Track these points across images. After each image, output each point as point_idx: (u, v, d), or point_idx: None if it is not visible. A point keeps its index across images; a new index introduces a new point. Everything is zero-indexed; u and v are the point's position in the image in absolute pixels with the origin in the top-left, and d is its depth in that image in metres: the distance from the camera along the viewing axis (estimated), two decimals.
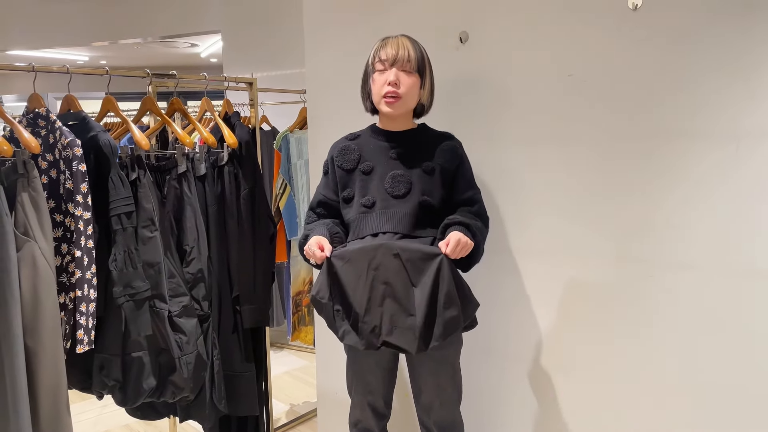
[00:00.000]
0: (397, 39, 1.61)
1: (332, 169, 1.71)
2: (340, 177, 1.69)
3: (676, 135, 1.54)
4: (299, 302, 3.32)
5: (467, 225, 1.57)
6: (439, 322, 1.50)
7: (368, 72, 1.65)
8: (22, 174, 1.60)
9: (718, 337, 1.52)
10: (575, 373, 1.78)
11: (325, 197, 1.72)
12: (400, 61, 1.58)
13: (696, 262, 1.54)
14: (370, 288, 1.52)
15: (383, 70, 1.60)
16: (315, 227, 1.66)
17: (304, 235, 1.68)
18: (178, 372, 1.90)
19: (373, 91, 1.63)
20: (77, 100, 1.94)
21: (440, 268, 1.49)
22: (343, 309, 1.56)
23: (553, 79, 1.72)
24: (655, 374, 1.63)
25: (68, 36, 5.19)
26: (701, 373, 1.56)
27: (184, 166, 2.02)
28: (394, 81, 1.57)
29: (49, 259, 1.63)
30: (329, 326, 1.59)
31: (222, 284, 2.14)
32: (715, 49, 1.46)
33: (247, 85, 2.50)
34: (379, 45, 1.62)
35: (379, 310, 1.52)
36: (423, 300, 1.49)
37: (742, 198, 1.46)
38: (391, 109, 1.60)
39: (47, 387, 1.64)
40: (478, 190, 1.71)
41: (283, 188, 3.19)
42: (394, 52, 1.58)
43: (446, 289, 1.49)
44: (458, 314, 1.50)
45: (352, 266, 1.54)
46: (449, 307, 1.49)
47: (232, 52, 4.25)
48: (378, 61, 1.61)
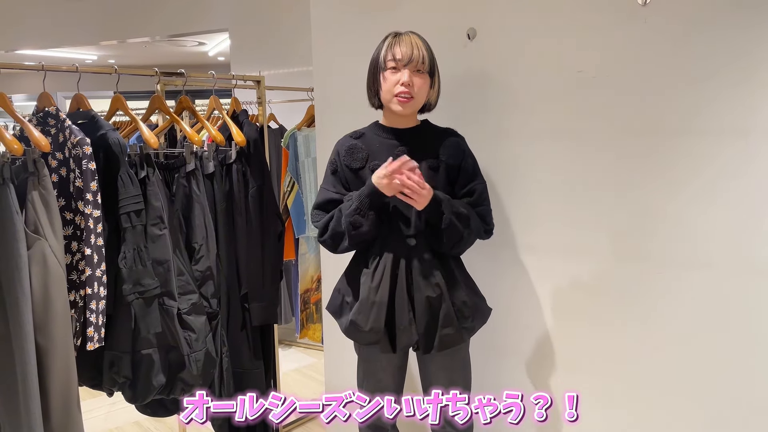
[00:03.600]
0: (409, 37, 1.60)
1: (341, 168, 1.70)
2: (348, 176, 1.68)
3: (686, 131, 1.53)
4: (307, 300, 3.33)
5: (447, 200, 1.57)
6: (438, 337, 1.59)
7: (378, 67, 1.62)
8: (32, 172, 1.61)
9: (726, 335, 1.51)
10: (583, 370, 1.78)
11: (334, 195, 1.69)
12: (414, 62, 1.57)
13: (706, 259, 1.53)
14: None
15: (396, 69, 1.59)
16: (336, 212, 1.63)
17: (325, 224, 1.64)
18: (187, 369, 1.90)
19: (384, 89, 1.61)
20: (86, 99, 1.95)
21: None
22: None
23: (562, 76, 1.72)
24: (662, 372, 1.62)
25: (77, 35, 5.22)
26: (708, 371, 1.55)
27: (193, 164, 2.03)
28: (408, 82, 1.57)
29: (59, 257, 1.64)
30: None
31: (231, 282, 2.14)
32: (724, 45, 1.45)
33: (255, 83, 2.50)
34: (391, 41, 1.60)
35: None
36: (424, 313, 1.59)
37: (751, 195, 1.45)
38: (402, 108, 1.60)
39: (58, 384, 1.65)
40: (481, 181, 1.69)
41: (291, 186, 3.20)
42: (408, 52, 1.57)
43: (446, 310, 1.58)
44: (456, 332, 1.60)
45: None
46: (447, 326, 1.59)
47: (240, 50, 4.26)
48: (391, 59, 1.59)
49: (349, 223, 1.57)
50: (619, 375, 1.70)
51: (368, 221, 1.56)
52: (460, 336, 1.62)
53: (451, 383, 1.69)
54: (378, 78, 1.63)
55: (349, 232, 1.58)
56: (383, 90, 1.62)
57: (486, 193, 1.69)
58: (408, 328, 1.58)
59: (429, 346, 1.60)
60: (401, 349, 1.61)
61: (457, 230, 1.56)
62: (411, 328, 1.58)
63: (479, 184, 1.68)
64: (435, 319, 1.59)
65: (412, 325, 1.58)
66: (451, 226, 1.55)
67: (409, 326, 1.58)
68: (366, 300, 1.60)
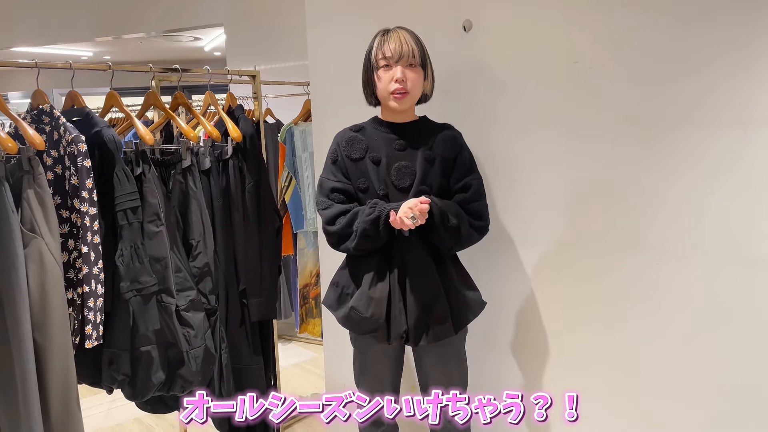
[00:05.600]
0: (397, 33, 1.60)
1: (341, 158, 1.68)
2: (348, 166, 1.67)
3: (682, 122, 1.52)
4: (306, 295, 3.33)
5: (438, 214, 1.57)
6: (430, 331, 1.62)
7: (371, 67, 1.63)
8: (27, 171, 1.61)
9: (726, 327, 1.51)
10: (580, 362, 1.78)
11: (337, 184, 1.66)
12: (405, 57, 1.58)
13: (704, 249, 1.53)
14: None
15: (388, 67, 1.59)
16: (353, 210, 1.62)
17: (334, 216, 1.62)
18: (186, 366, 1.90)
19: (380, 88, 1.62)
20: (81, 96, 1.94)
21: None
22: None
23: (559, 67, 1.71)
24: (662, 363, 1.62)
25: (71, 32, 5.19)
26: (711, 364, 1.55)
27: (189, 160, 2.02)
28: (401, 78, 1.58)
29: (56, 255, 1.64)
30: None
31: (229, 278, 2.14)
32: (722, 35, 1.44)
33: (251, 78, 2.49)
34: (380, 40, 1.61)
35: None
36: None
37: (750, 184, 1.44)
38: (399, 104, 1.61)
39: (57, 382, 1.65)
40: (477, 176, 1.69)
41: (288, 181, 3.19)
42: (398, 48, 1.57)
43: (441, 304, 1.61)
44: (448, 325, 1.62)
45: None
46: (439, 319, 1.61)
47: (235, 45, 4.24)
48: (382, 58, 1.59)
49: (363, 229, 1.57)
50: (622, 366, 1.70)
51: (381, 238, 1.58)
52: (451, 329, 1.63)
53: (447, 378, 1.70)
54: (372, 78, 1.63)
55: (362, 235, 1.57)
56: (379, 89, 1.62)
57: (482, 188, 1.68)
58: (398, 317, 1.59)
59: (418, 338, 1.61)
60: (393, 338, 1.61)
61: (447, 243, 1.60)
62: (401, 318, 1.59)
63: (475, 180, 1.67)
64: (427, 312, 1.60)
65: (402, 314, 1.59)
66: (442, 240, 1.59)
67: (399, 315, 1.59)
68: (366, 290, 1.61)
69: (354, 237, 1.59)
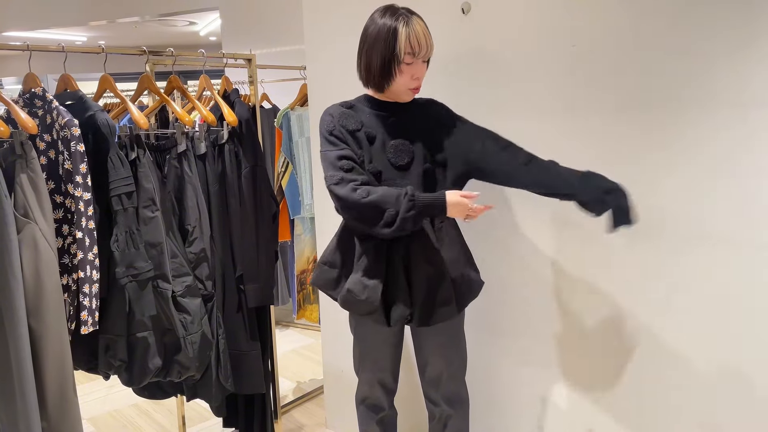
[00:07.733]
0: (420, 25, 1.55)
1: (338, 128, 1.62)
2: (346, 137, 1.61)
3: (683, 104, 1.51)
4: (303, 281, 3.32)
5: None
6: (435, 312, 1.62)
7: (394, 58, 1.54)
8: (20, 155, 1.59)
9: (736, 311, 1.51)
10: (584, 349, 1.77)
11: (343, 151, 1.59)
12: (427, 55, 1.58)
13: (708, 235, 1.52)
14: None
15: (412, 63, 1.56)
16: (381, 189, 1.53)
17: (363, 195, 1.51)
18: (183, 351, 1.90)
19: (400, 82, 1.58)
20: (74, 79, 1.91)
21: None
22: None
23: (557, 50, 1.69)
24: (667, 349, 1.62)
25: (65, 16, 5.13)
26: (721, 350, 1.55)
27: (184, 145, 2.00)
28: (422, 75, 1.59)
29: (50, 240, 1.62)
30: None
31: (225, 263, 2.13)
32: (723, 18, 1.42)
33: (246, 62, 2.46)
34: (406, 32, 1.52)
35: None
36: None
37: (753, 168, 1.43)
38: (411, 97, 1.65)
39: (53, 368, 1.64)
40: (486, 129, 1.68)
41: (285, 166, 3.17)
42: (424, 43, 1.54)
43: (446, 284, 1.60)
44: (452, 306, 1.61)
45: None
46: (444, 300, 1.61)
47: (231, 29, 4.19)
48: (410, 53, 1.54)
49: (405, 214, 1.50)
50: (626, 352, 1.70)
51: (417, 223, 1.53)
52: (455, 309, 1.63)
53: (446, 362, 1.70)
54: (392, 70, 1.56)
55: (400, 228, 1.50)
56: (398, 82, 1.58)
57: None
58: (401, 299, 1.58)
59: (424, 320, 1.60)
60: (395, 322, 1.60)
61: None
62: (406, 300, 1.58)
63: (489, 130, 1.66)
64: (432, 293, 1.59)
65: (406, 296, 1.59)
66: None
67: (403, 297, 1.58)
68: (360, 273, 1.60)
69: (389, 224, 1.50)
